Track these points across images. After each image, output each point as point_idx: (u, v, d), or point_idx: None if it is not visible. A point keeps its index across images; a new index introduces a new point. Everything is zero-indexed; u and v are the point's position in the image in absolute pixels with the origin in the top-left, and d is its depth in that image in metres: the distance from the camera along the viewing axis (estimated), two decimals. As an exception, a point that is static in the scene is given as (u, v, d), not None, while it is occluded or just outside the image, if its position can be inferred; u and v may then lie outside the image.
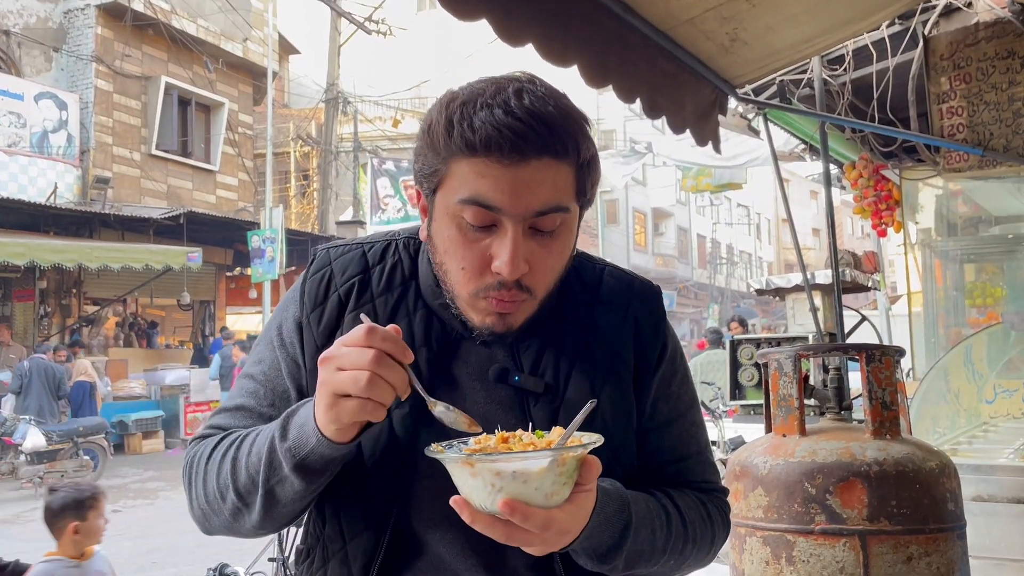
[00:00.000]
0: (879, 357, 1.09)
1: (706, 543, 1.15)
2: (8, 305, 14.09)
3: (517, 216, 0.99)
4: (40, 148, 14.36)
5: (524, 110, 0.97)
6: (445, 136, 0.99)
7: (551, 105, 0.99)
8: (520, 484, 0.87)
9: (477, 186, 0.98)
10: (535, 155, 0.97)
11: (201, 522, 1.11)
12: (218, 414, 1.16)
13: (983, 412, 3.38)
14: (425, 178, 1.05)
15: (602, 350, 1.14)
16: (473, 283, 1.03)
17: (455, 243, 1.03)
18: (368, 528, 1.07)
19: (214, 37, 17.08)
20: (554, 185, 1.00)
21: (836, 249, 3.93)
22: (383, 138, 21.22)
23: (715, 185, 13.18)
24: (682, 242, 37.31)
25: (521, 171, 0.97)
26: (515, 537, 0.89)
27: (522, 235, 1.00)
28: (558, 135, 0.99)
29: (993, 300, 6.20)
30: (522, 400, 1.08)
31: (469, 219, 1.00)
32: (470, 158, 0.98)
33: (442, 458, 0.90)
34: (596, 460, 0.92)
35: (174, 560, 6.61)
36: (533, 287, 1.03)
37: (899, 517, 1.02)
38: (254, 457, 1.01)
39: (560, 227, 1.03)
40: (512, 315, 1.05)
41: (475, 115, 0.97)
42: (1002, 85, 3.83)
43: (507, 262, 0.99)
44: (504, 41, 2.08)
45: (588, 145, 1.03)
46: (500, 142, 0.96)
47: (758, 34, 2.78)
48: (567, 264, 1.09)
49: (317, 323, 1.13)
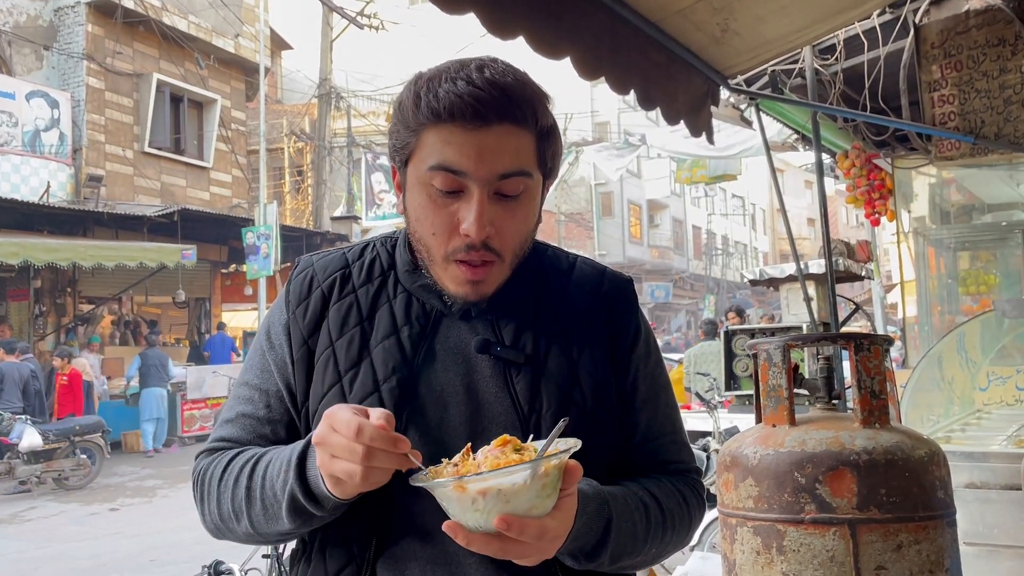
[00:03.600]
0: (867, 346, 1.09)
1: (684, 527, 1.19)
2: (3, 305, 14.06)
3: (481, 179, 1.04)
4: (32, 147, 14.30)
5: (484, 80, 1.04)
6: (413, 108, 1.06)
7: (510, 77, 1.06)
8: (511, 499, 0.88)
9: (444, 153, 1.04)
10: (496, 120, 1.04)
11: (214, 533, 1.16)
12: (221, 427, 1.20)
13: (976, 399, 3.39)
14: (397, 152, 1.11)
15: (577, 326, 1.18)
16: (443, 246, 1.08)
17: (426, 209, 1.08)
18: (362, 523, 1.09)
19: (205, 33, 17.01)
20: (516, 151, 1.06)
21: (829, 238, 3.93)
22: (377, 133, 21.17)
23: (710, 176, 13.15)
24: (677, 233, 37.33)
25: (484, 136, 1.04)
26: (511, 551, 0.92)
27: (487, 199, 1.05)
28: (517, 102, 1.05)
29: (986, 288, 6.21)
30: (504, 370, 1.12)
31: (438, 185, 1.06)
32: (437, 126, 1.04)
33: (429, 486, 0.92)
34: (578, 465, 0.95)
35: (172, 558, 6.62)
36: (500, 250, 1.09)
37: (888, 505, 1.02)
38: (268, 492, 1.05)
39: (523, 193, 1.09)
40: (484, 282, 1.10)
41: (440, 87, 1.04)
42: (993, 73, 3.83)
43: (473, 223, 1.04)
44: (493, 34, 2.08)
45: (547, 115, 1.10)
46: (463, 108, 1.02)
47: (749, 24, 2.77)
48: (532, 230, 1.15)
49: (303, 316, 1.17)
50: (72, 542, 7.51)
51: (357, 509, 1.07)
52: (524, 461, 0.90)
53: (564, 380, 1.13)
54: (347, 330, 1.15)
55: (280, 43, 21.98)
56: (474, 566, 1.05)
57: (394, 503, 1.07)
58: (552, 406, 1.11)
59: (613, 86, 2.61)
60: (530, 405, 1.10)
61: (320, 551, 1.11)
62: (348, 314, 1.16)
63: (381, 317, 1.15)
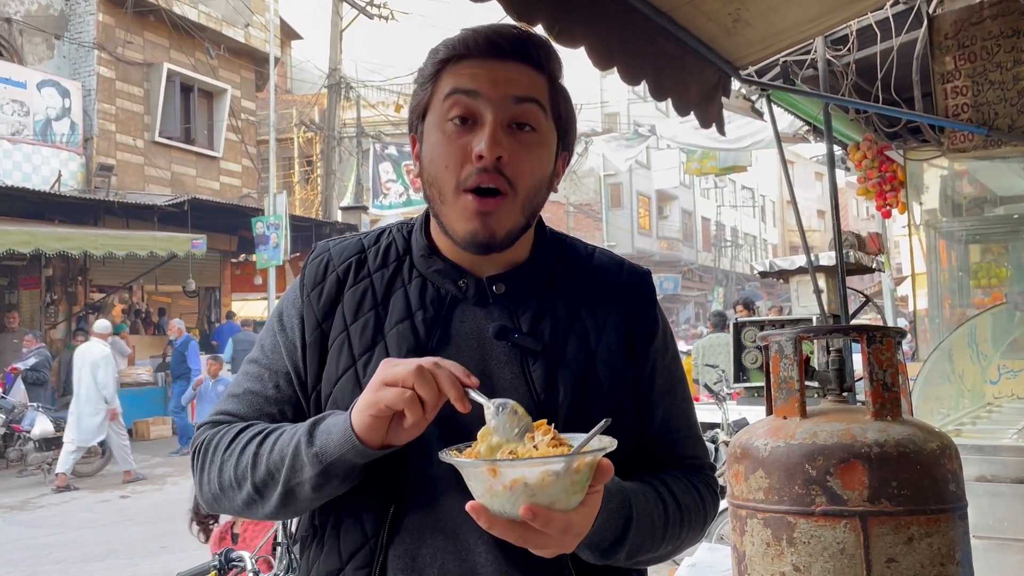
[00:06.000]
0: (880, 338, 1.09)
1: (699, 523, 1.19)
2: (15, 293, 14.14)
3: (495, 100, 1.07)
4: (43, 136, 14.34)
5: (496, 28, 1.10)
6: (431, 60, 1.10)
7: (522, 30, 1.11)
8: (541, 489, 0.88)
9: (459, 80, 1.08)
10: (511, 56, 1.08)
11: (210, 503, 1.15)
12: (226, 400, 1.19)
13: (987, 393, 3.38)
14: (415, 112, 1.14)
15: (595, 316, 1.18)
16: (456, 176, 1.08)
17: (441, 146, 1.09)
18: (371, 511, 1.09)
19: (215, 23, 17.01)
20: (530, 83, 1.10)
21: (840, 230, 3.91)
22: (386, 123, 21.16)
23: (720, 168, 13.11)
24: (686, 225, 37.22)
25: (498, 67, 1.08)
26: (532, 540, 0.92)
27: (501, 124, 1.07)
28: (532, 45, 1.10)
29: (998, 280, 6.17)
30: (521, 358, 1.12)
31: (454, 112, 1.08)
32: (453, 67, 1.08)
33: (459, 463, 0.91)
34: (610, 464, 0.94)
35: (183, 545, 6.65)
36: (513, 178, 1.08)
37: (900, 498, 1.02)
38: (276, 456, 1.05)
39: (537, 131, 1.10)
40: (493, 215, 1.08)
41: (455, 37, 1.09)
42: (1007, 64, 3.79)
43: (486, 139, 1.05)
44: (514, 20, 2.07)
45: (559, 69, 1.13)
46: (477, 43, 1.07)
47: (761, 14, 2.75)
48: (545, 181, 1.14)
49: (317, 299, 1.17)
50: (83, 529, 7.57)
51: (370, 491, 1.07)
52: (561, 454, 0.90)
53: (581, 369, 1.13)
54: (361, 314, 1.15)
55: (290, 33, 21.95)
56: (484, 553, 1.05)
57: (407, 485, 1.07)
58: (569, 395, 1.10)
59: (625, 76, 2.60)
60: (547, 393, 1.10)
61: (333, 534, 1.11)
62: (363, 298, 1.16)
63: (396, 301, 1.15)
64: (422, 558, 1.07)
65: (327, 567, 1.11)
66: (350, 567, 1.08)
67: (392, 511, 1.08)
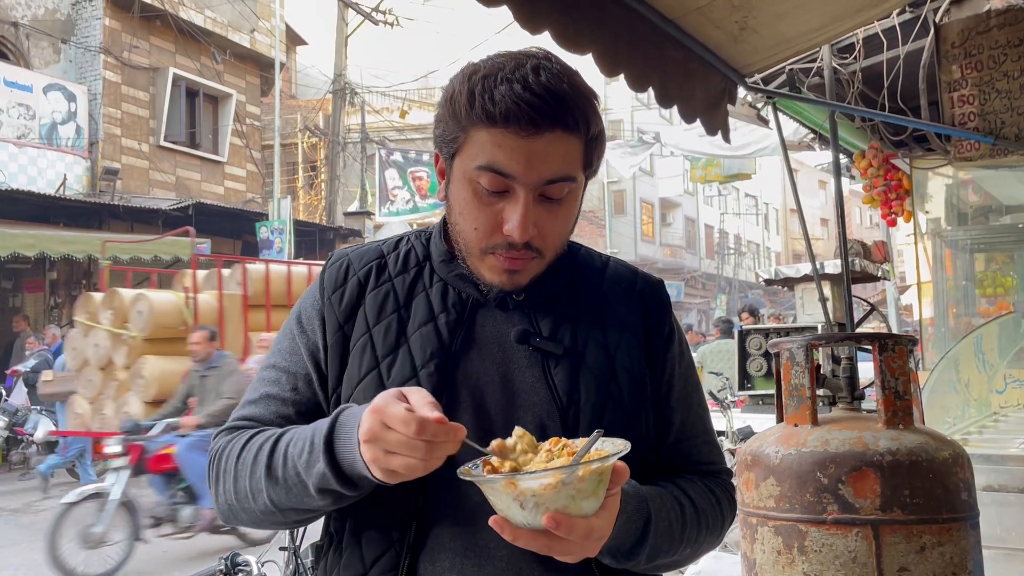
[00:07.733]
0: (892, 346, 1.08)
1: (717, 528, 1.19)
2: (19, 296, 14.16)
3: (529, 184, 1.05)
4: (49, 140, 14.39)
5: (541, 86, 1.03)
6: (467, 106, 1.05)
7: (565, 83, 1.05)
8: (560, 498, 0.89)
9: (494, 155, 1.04)
10: (549, 128, 1.03)
11: (226, 515, 1.14)
12: (244, 407, 1.19)
13: (993, 402, 3.36)
14: (445, 143, 1.11)
15: (613, 322, 1.19)
16: (484, 241, 1.09)
17: (470, 205, 1.09)
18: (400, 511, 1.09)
19: (221, 28, 17.07)
20: (564, 157, 1.06)
21: (845, 239, 3.91)
22: (390, 129, 21.21)
23: (724, 175, 13.11)
24: (690, 232, 37.21)
25: (535, 143, 1.04)
26: (557, 548, 0.92)
27: (532, 202, 1.06)
28: (571, 111, 1.05)
29: (1004, 290, 6.16)
30: (543, 361, 1.13)
31: (485, 185, 1.06)
32: (489, 128, 1.04)
33: (478, 480, 0.92)
34: (626, 466, 0.94)
35: (187, 548, 6.65)
36: (542, 248, 1.10)
37: (912, 507, 1.01)
38: (291, 471, 1.03)
39: (567, 195, 1.10)
40: (520, 273, 1.12)
41: (495, 88, 1.03)
42: (1014, 73, 3.79)
43: (517, 225, 1.05)
44: (523, 27, 2.08)
45: (597, 120, 1.10)
46: (518, 115, 1.02)
47: (768, 22, 2.76)
48: (572, 228, 1.16)
49: (339, 302, 1.18)
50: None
51: (394, 496, 1.06)
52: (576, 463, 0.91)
53: (602, 374, 1.14)
54: (384, 316, 1.15)
55: (295, 38, 22.03)
56: (506, 559, 1.06)
57: (432, 490, 1.07)
58: (591, 398, 1.11)
59: (631, 83, 2.60)
60: (568, 396, 1.11)
61: (355, 539, 1.11)
62: (385, 301, 1.17)
63: (418, 305, 1.16)
64: (441, 562, 1.07)
65: (348, 573, 1.10)
66: (374, 572, 1.08)
67: (416, 516, 1.08)
